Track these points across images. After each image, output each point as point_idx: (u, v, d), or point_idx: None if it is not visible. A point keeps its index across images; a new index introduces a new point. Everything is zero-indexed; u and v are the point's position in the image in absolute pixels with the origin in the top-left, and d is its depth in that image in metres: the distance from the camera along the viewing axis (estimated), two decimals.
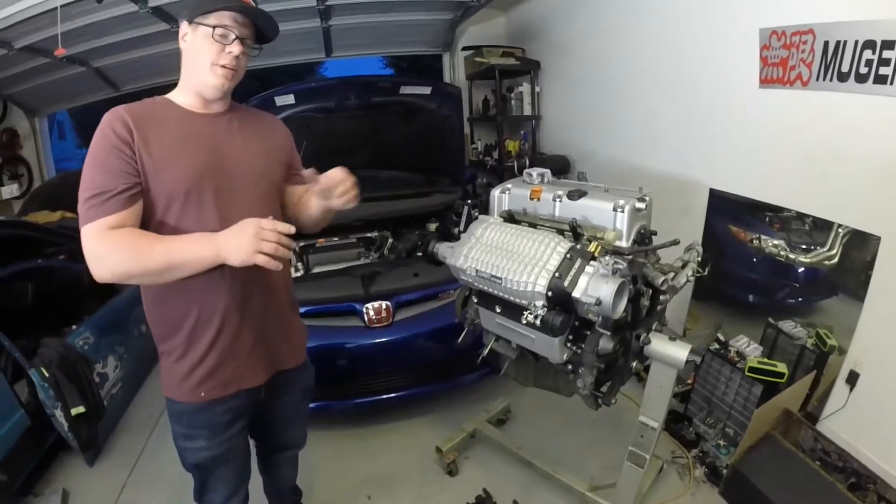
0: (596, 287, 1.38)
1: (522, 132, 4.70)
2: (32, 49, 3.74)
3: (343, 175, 1.40)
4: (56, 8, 2.95)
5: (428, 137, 3.36)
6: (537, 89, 4.53)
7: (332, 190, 1.41)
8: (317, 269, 3.04)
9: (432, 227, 3.26)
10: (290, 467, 1.98)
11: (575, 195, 1.65)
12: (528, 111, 4.59)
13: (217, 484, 1.58)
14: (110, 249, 1.18)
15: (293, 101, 2.92)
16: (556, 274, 1.41)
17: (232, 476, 1.59)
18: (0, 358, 2.46)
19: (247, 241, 1.17)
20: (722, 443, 2.38)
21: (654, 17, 3.00)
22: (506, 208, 1.83)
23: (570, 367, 1.63)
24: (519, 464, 2.35)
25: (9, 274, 2.71)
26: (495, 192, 1.87)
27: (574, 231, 1.53)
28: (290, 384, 1.65)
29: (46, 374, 2.36)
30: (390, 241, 3.14)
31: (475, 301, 1.71)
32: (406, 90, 3.06)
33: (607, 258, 1.43)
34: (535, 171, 1.82)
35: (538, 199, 1.74)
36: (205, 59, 1.30)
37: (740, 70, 2.41)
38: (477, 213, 1.84)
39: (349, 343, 2.51)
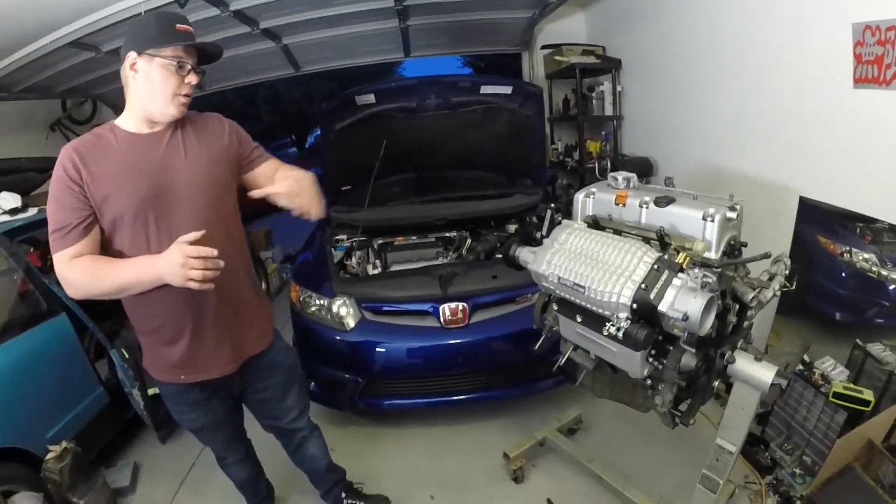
0: (683, 301, 1.33)
1: (604, 133, 4.54)
2: (119, 52, 3.95)
3: (296, 189, 1.54)
4: (141, 13, 3.10)
5: (509, 138, 3.32)
6: (619, 88, 4.37)
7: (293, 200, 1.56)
8: (395, 267, 3.06)
9: (512, 228, 3.22)
10: (315, 446, 2.08)
11: (662, 202, 1.58)
12: (609, 111, 4.43)
13: (212, 443, 1.92)
14: (74, 276, 1.38)
15: (373, 101, 2.96)
16: (643, 285, 1.36)
17: (223, 436, 1.88)
18: (84, 338, 2.62)
19: (177, 270, 1.29)
20: (798, 471, 2.26)
21: (740, 12, 2.85)
22: (590, 213, 1.77)
23: (649, 382, 1.57)
24: (587, 476, 2.30)
25: None
26: (579, 197, 1.81)
27: (661, 240, 1.47)
28: (268, 368, 1.80)
29: (126, 356, 2.48)
30: (469, 241, 3.13)
31: (555, 308, 1.67)
32: (486, 90, 3.04)
33: (696, 270, 1.36)
34: (620, 176, 1.76)
35: (624, 205, 1.68)
36: (165, 90, 1.42)
37: (832, 68, 2.26)
38: (560, 218, 1.79)
39: (424, 342, 2.52)
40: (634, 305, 1.36)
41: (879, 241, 2.26)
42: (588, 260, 1.50)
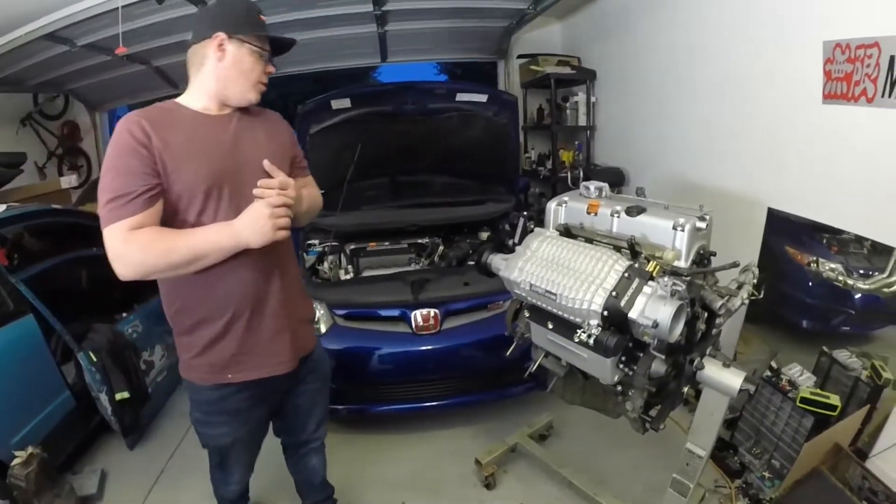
0: (654, 309, 1.35)
1: (577, 142, 4.61)
2: (94, 47, 3.86)
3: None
4: (117, 8, 3.04)
5: (483, 145, 3.33)
6: (593, 99, 4.44)
7: None
8: (367, 273, 3.05)
9: (484, 235, 3.24)
10: (318, 459, 2.00)
11: (633, 211, 1.61)
12: (583, 121, 4.49)
13: (234, 464, 1.72)
14: (135, 249, 1.24)
15: (349, 105, 2.94)
16: (613, 293, 1.37)
17: (247, 457, 1.75)
18: (51, 340, 2.55)
19: (264, 223, 1.30)
20: (767, 475, 2.30)
21: (715, 29, 2.91)
22: (562, 222, 1.79)
23: (620, 388, 1.59)
24: (558, 481, 2.31)
25: (64, 261, 2.81)
26: (551, 205, 1.83)
27: (632, 249, 1.49)
28: (310, 373, 1.73)
29: (94, 359, 2.43)
30: (441, 248, 3.15)
31: (527, 315, 1.68)
32: (462, 97, 3.05)
33: (666, 279, 1.38)
34: (592, 185, 1.78)
35: (595, 214, 1.70)
36: (251, 76, 1.42)
37: (803, 84, 2.32)
38: (532, 226, 1.81)
39: (395, 348, 2.52)
40: (605, 312, 1.37)
41: (846, 252, 2.31)
42: (560, 267, 1.51)
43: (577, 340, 1.41)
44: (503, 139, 3.32)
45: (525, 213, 1.80)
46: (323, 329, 2.54)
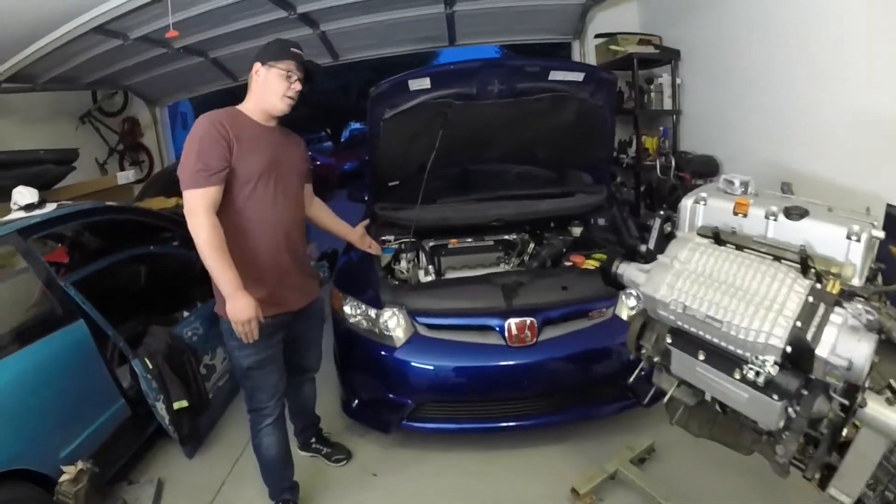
0: (847, 345, 1.07)
1: (662, 128, 4.28)
2: (148, 39, 3.84)
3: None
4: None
5: (576, 130, 2.98)
6: (678, 81, 4.11)
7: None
8: (450, 274, 2.78)
9: (576, 231, 2.96)
10: (310, 389, 2.46)
11: (795, 214, 1.31)
12: (668, 105, 4.16)
13: (263, 384, 2.04)
14: (200, 222, 1.75)
15: (429, 86, 2.64)
16: (798, 323, 1.09)
17: (274, 378, 2.06)
18: (104, 345, 2.44)
19: (238, 317, 1.78)
20: None
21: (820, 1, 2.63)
22: (701, 223, 1.49)
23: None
24: None
25: (119, 260, 2.70)
26: (688, 203, 1.52)
27: (804, 263, 1.20)
28: (314, 313, 2.23)
29: (150, 366, 2.33)
30: (532, 245, 2.87)
31: (669, 342, 1.39)
32: (556, 76, 2.69)
33: (858, 306, 1.09)
34: (737, 179, 1.48)
35: (744, 215, 1.40)
36: (278, 91, 1.92)
37: None
38: (670, 228, 1.52)
39: (485, 363, 2.25)
40: (788, 348, 1.10)
41: None
42: (722, 286, 1.24)
43: (738, 378, 1.15)
44: (599, 123, 2.95)
45: (661, 212, 1.49)
46: (402, 338, 2.31)
